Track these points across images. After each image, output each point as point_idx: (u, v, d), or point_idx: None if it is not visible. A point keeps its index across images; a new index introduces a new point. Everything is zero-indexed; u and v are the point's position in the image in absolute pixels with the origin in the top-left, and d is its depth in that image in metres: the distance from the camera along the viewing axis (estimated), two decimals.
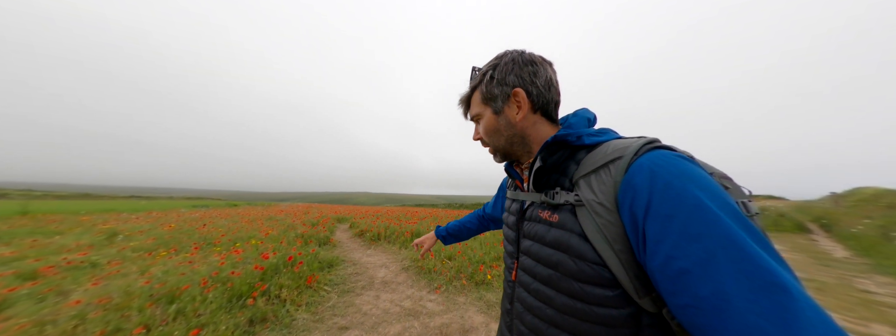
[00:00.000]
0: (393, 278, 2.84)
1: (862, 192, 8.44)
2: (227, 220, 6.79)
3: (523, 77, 0.38)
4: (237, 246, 3.52)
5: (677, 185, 0.24)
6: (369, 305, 2.19)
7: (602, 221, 0.28)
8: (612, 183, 0.28)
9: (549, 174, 0.37)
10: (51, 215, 7.56)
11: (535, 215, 0.38)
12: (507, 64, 0.39)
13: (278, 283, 2.25)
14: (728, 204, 0.22)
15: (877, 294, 2.56)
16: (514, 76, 0.39)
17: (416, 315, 2.03)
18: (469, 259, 3.14)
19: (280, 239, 4.05)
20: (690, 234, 0.21)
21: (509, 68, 0.39)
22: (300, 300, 2.14)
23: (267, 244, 3.61)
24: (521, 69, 0.38)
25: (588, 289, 0.29)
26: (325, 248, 4.18)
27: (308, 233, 4.75)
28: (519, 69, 0.39)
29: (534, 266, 0.36)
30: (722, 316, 0.19)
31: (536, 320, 0.35)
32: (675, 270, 0.22)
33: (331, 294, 2.38)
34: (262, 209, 11.62)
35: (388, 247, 4.35)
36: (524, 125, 0.40)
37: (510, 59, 0.39)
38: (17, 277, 2.35)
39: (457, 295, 2.41)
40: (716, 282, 0.19)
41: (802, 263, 3.75)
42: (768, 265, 0.19)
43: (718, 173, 0.33)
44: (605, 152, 0.31)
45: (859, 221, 5.60)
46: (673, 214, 0.23)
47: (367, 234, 5.03)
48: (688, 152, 0.31)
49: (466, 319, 1.98)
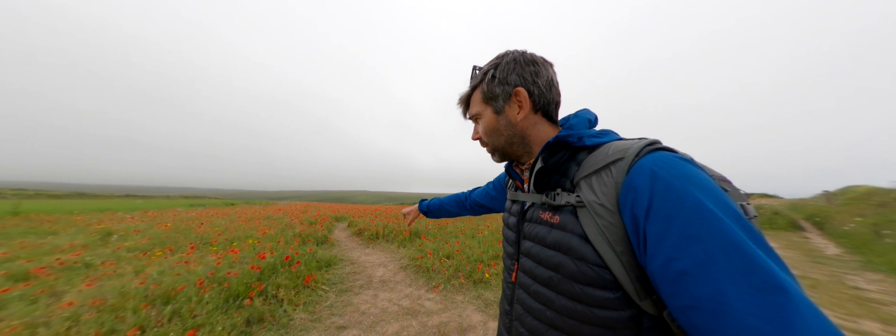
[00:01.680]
0: (391, 277, 2.84)
1: (854, 190, 8.58)
2: (225, 219, 6.74)
3: (525, 77, 0.38)
4: (234, 245, 3.50)
5: (678, 186, 0.24)
6: (367, 304, 2.18)
7: (603, 223, 0.28)
8: (613, 184, 0.28)
9: (550, 175, 0.37)
10: (44, 215, 7.45)
11: (535, 216, 0.38)
12: (508, 63, 0.39)
13: (276, 282, 2.24)
14: (728, 206, 0.22)
15: (867, 291, 2.61)
16: (515, 76, 0.38)
17: (415, 314, 2.04)
18: (467, 258, 3.14)
19: (277, 238, 4.02)
20: (690, 235, 0.22)
21: (511, 68, 0.39)
22: (298, 300, 2.13)
23: (264, 243, 3.59)
24: (523, 69, 0.38)
25: (589, 291, 0.29)
26: (323, 247, 4.16)
27: (306, 232, 4.73)
28: (521, 69, 0.38)
29: (534, 268, 0.36)
30: (721, 317, 0.19)
31: (536, 322, 0.35)
32: (674, 271, 0.22)
33: (329, 293, 2.37)
34: (259, 208, 11.55)
35: (386, 245, 4.35)
36: (525, 125, 0.40)
37: (512, 58, 0.39)
38: (8, 278, 2.32)
39: (455, 294, 2.42)
40: (715, 283, 0.20)
41: (795, 260, 3.81)
42: (767, 267, 0.19)
43: (718, 176, 0.32)
44: (606, 153, 0.31)
45: (851, 219, 5.69)
46: (673, 216, 0.23)
47: (366, 232, 5.02)
48: (688, 155, 0.30)
49: (464, 318, 1.98)
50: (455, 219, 7.20)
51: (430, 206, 0.94)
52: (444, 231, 5.07)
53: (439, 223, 5.89)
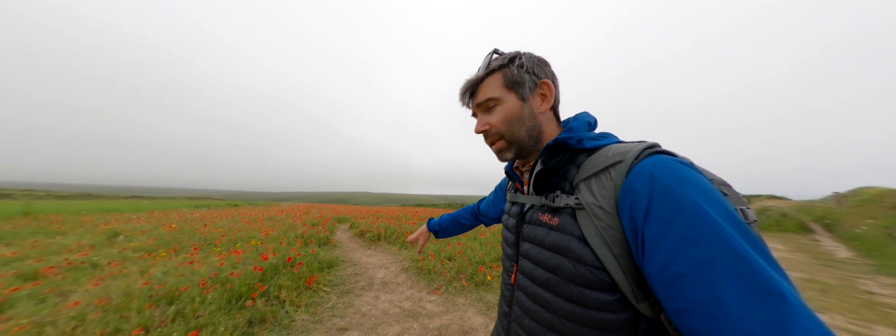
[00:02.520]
0: (392, 279, 2.84)
1: (865, 192, 8.37)
2: (228, 220, 6.80)
3: (548, 73, 0.40)
4: (237, 246, 3.52)
5: (677, 190, 0.24)
6: (369, 306, 2.18)
7: (602, 225, 0.28)
8: (612, 187, 0.29)
9: (549, 177, 0.37)
10: (53, 215, 7.59)
11: (535, 218, 0.38)
12: (530, 58, 0.39)
13: (278, 283, 2.25)
14: (727, 210, 0.22)
15: (880, 295, 2.54)
16: (539, 69, 0.40)
17: (416, 316, 2.03)
18: (469, 260, 3.13)
19: (280, 239, 4.05)
20: (688, 238, 0.22)
21: (534, 61, 0.39)
22: (300, 301, 2.14)
23: (267, 245, 3.62)
24: (544, 66, 0.40)
25: (587, 293, 0.29)
26: (325, 248, 4.17)
27: (308, 233, 4.75)
28: (542, 65, 0.40)
29: (533, 269, 0.36)
30: (717, 321, 0.19)
31: (534, 324, 0.35)
32: (672, 274, 0.22)
33: (330, 295, 2.37)
34: (263, 209, 11.65)
35: (388, 247, 4.35)
36: (543, 119, 0.41)
37: (531, 55, 0.40)
38: (18, 278, 2.36)
39: (456, 296, 2.40)
40: (712, 287, 0.20)
41: (804, 264, 3.72)
42: (765, 272, 0.19)
43: (718, 180, 0.32)
44: (605, 156, 0.31)
45: (863, 222, 5.55)
46: (671, 219, 0.23)
47: (367, 234, 5.03)
48: (687, 158, 0.30)
49: (466, 320, 1.97)
50: None
51: (441, 223, 0.84)
52: None
53: None
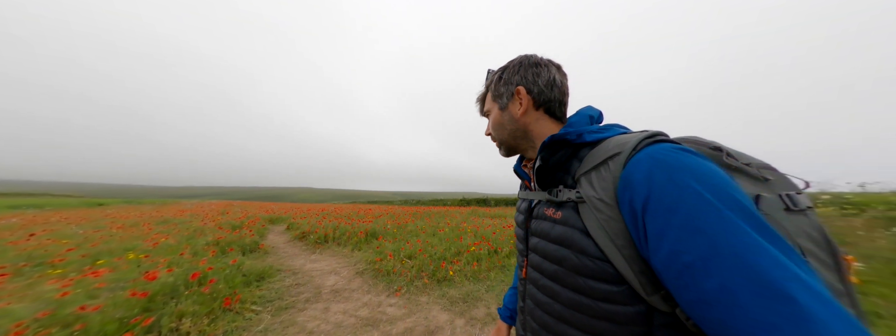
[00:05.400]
0: (345, 285, 2.52)
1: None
2: (81, 226, 4.85)
3: (527, 77, 0.42)
4: (98, 265, 2.50)
5: (675, 178, 0.24)
6: (317, 321, 1.85)
7: (603, 217, 0.29)
8: (611, 178, 0.29)
9: (553, 172, 0.38)
10: None
11: (541, 213, 0.39)
12: (514, 66, 0.44)
13: (177, 310, 1.68)
14: (729, 196, 0.22)
15: None
16: (518, 76, 0.43)
17: (376, 323, 1.83)
18: (430, 256, 3.05)
19: (179, 249, 3.09)
20: (691, 228, 0.21)
21: (515, 70, 0.44)
22: (214, 329, 1.64)
23: (156, 258, 2.70)
24: (525, 70, 0.43)
25: (592, 284, 0.29)
26: (253, 256, 3.43)
27: (226, 238, 3.81)
28: (524, 70, 0.43)
29: (541, 262, 0.37)
30: (731, 308, 0.19)
31: (545, 316, 0.36)
32: (679, 265, 0.22)
33: (262, 314, 1.92)
34: (151, 209, 8.80)
35: (338, 250, 3.87)
36: (526, 121, 0.43)
37: (517, 61, 0.44)
38: None
39: (419, 295, 2.29)
40: (720, 276, 0.19)
41: None
42: (774, 258, 0.18)
43: (758, 163, 0.30)
44: (606, 148, 0.32)
45: None
46: (672, 208, 0.23)
47: (311, 236, 4.37)
48: (712, 142, 0.31)
49: (431, 320, 1.89)
50: (414, 218, 7.02)
51: (508, 304, 0.63)
52: (404, 230, 4.85)
53: (398, 222, 5.62)
